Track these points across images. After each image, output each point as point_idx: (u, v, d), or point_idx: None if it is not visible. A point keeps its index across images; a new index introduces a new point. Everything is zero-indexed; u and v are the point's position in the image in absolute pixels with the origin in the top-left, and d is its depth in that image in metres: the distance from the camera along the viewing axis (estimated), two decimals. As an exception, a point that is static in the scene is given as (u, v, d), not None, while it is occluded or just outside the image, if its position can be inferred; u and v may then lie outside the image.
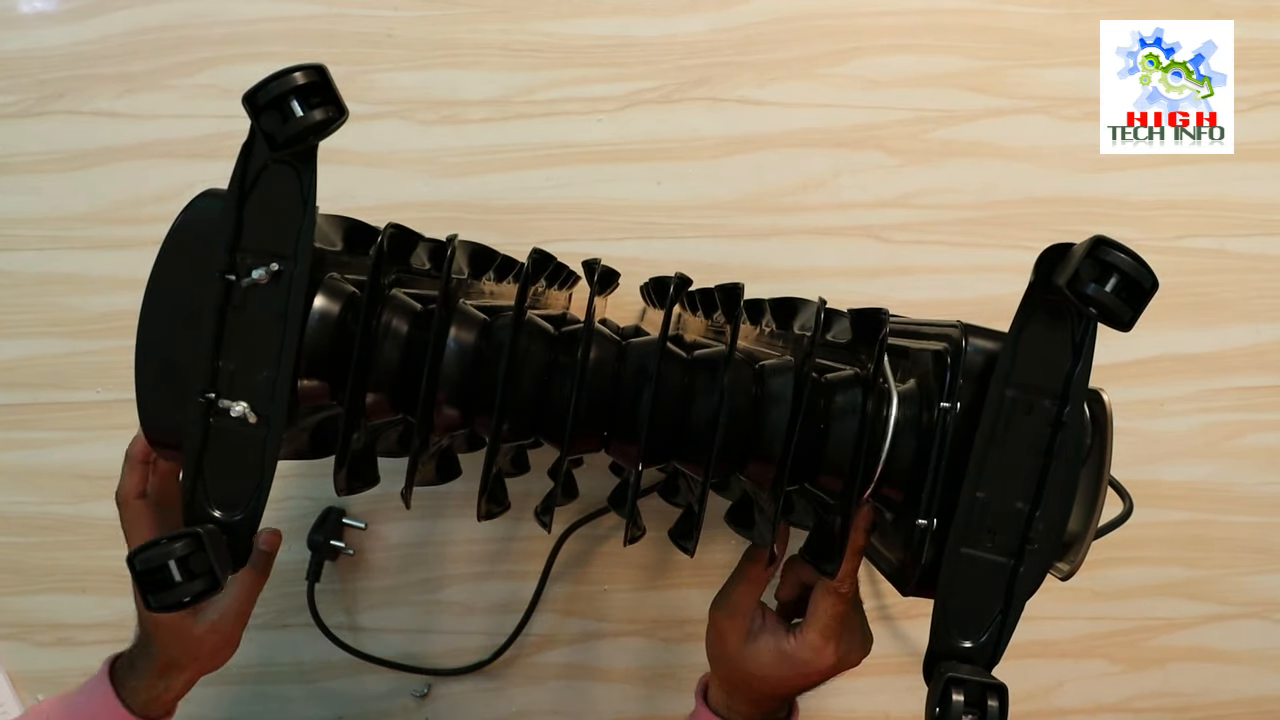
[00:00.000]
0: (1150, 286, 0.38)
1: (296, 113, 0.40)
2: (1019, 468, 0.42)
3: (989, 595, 0.42)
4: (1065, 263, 0.39)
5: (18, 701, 0.71)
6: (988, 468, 0.42)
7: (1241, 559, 0.73)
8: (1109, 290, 0.38)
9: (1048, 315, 0.41)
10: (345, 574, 0.71)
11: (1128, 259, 0.38)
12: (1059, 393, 0.41)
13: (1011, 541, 0.42)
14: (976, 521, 0.42)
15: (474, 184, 0.71)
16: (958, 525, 0.42)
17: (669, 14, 0.71)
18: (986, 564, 0.42)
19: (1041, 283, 0.40)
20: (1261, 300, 0.72)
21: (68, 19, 0.70)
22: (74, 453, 0.71)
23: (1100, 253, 0.38)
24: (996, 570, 0.42)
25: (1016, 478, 0.42)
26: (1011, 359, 0.41)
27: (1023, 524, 0.42)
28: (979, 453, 0.42)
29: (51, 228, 0.70)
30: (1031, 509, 0.41)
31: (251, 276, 0.42)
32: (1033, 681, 0.73)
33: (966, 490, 0.42)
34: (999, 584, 0.42)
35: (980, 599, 0.42)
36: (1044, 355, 0.42)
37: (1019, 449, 0.42)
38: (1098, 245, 0.38)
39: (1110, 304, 0.38)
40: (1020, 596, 0.42)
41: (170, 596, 0.41)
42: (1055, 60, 0.71)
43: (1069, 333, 0.41)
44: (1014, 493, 0.42)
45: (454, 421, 0.47)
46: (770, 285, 0.68)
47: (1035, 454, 0.41)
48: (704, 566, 0.71)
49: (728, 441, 0.47)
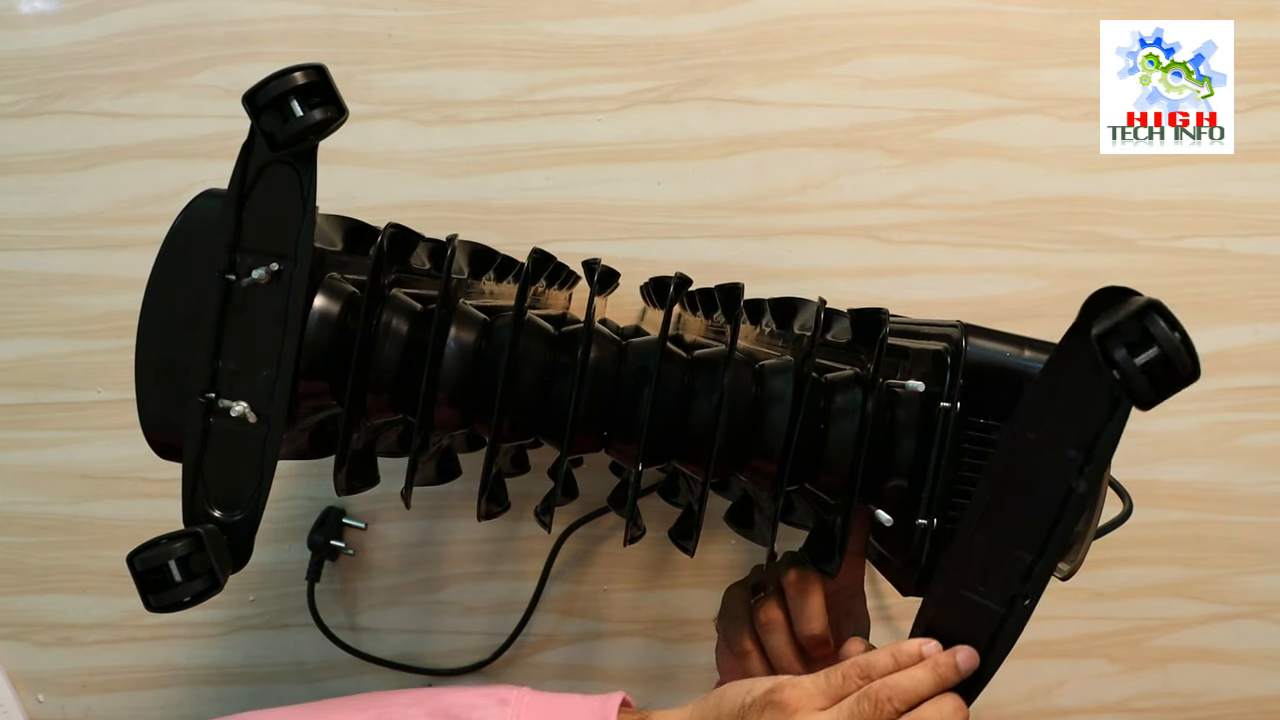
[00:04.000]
0: (1187, 375, 0.35)
1: (296, 113, 0.40)
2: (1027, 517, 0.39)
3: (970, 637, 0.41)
4: (1109, 314, 0.36)
5: (18, 702, 0.71)
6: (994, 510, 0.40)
7: (1241, 559, 0.73)
8: (1139, 362, 0.35)
9: (1089, 361, 0.37)
10: (345, 574, 0.71)
11: (1172, 336, 0.35)
12: (1086, 445, 0.38)
13: (1005, 591, 0.40)
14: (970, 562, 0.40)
15: (474, 184, 0.71)
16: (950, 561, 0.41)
17: (669, 14, 0.71)
18: (974, 606, 0.41)
19: (1082, 326, 0.37)
20: (1261, 300, 0.72)
21: (68, 19, 0.70)
22: (74, 453, 0.71)
23: (1147, 319, 0.35)
24: (983, 615, 0.40)
25: (1022, 527, 0.39)
26: (1042, 401, 0.39)
27: (1020, 575, 0.39)
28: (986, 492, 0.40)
29: (52, 228, 0.70)
30: (1033, 561, 0.39)
31: (251, 276, 0.42)
32: (1033, 681, 0.73)
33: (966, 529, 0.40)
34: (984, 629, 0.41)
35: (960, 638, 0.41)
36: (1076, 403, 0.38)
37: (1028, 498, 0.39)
38: (1148, 310, 0.35)
39: (1133, 377, 0.35)
40: (1003, 645, 0.40)
41: (170, 596, 0.41)
42: (1055, 60, 0.71)
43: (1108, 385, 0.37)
44: (1017, 541, 0.39)
45: (454, 421, 0.47)
46: (770, 285, 0.68)
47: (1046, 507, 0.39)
48: (704, 566, 0.71)
49: (728, 441, 0.47)
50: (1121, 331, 0.35)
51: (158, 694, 0.71)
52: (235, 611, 0.71)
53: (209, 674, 0.71)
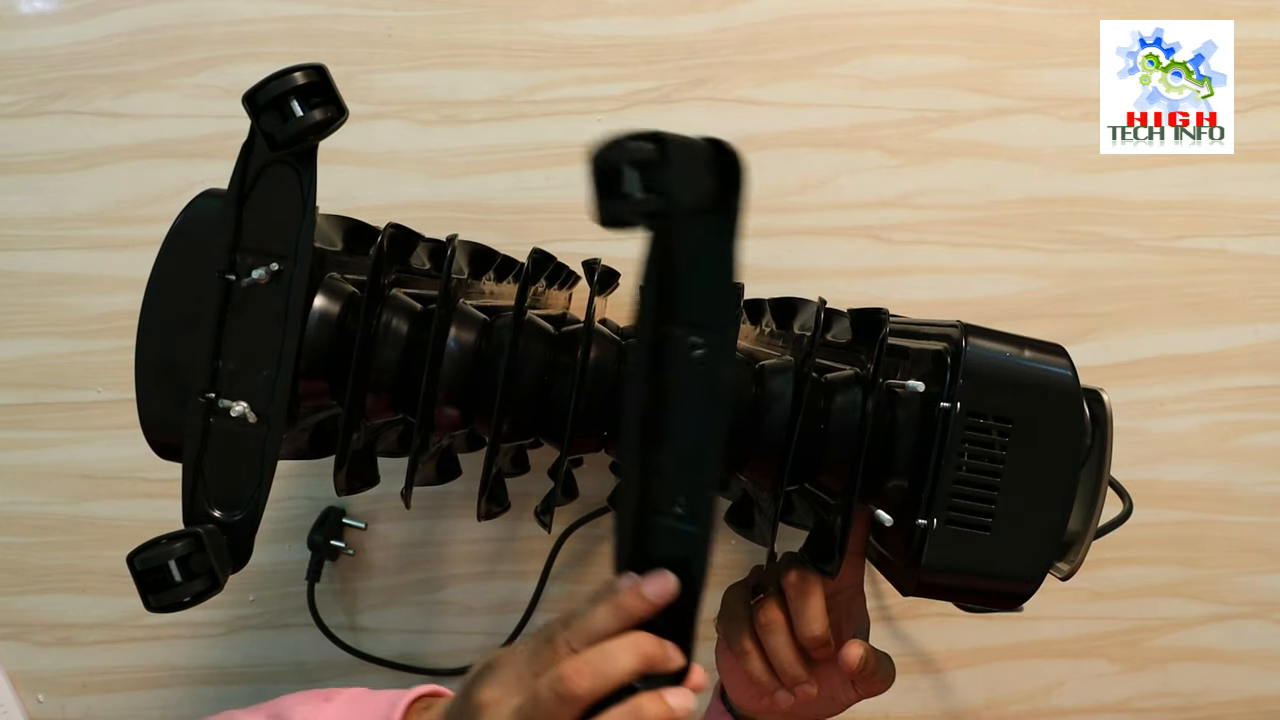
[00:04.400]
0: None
1: (296, 113, 0.40)
2: (692, 418, 0.38)
3: (669, 563, 0.39)
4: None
5: (18, 702, 0.71)
6: (653, 424, 0.38)
7: (1241, 559, 0.73)
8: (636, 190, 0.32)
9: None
10: (345, 574, 0.71)
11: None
12: (684, 318, 0.37)
13: (692, 504, 0.38)
14: (650, 484, 0.39)
15: (474, 184, 0.71)
16: (628, 488, 0.39)
17: (669, 14, 0.71)
18: (667, 530, 0.39)
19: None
20: (1261, 300, 0.72)
21: (68, 19, 0.70)
22: (74, 453, 0.71)
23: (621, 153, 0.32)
24: (675, 538, 0.39)
25: (692, 430, 0.38)
26: (656, 292, 0.37)
27: (704, 485, 0.38)
28: (638, 408, 0.38)
29: (52, 228, 0.70)
30: (698, 460, 0.38)
31: (251, 276, 0.42)
32: (1033, 681, 0.73)
33: (632, 451, 0.39)
34: (680, 552, 0.39)
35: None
36: (693, 281, 0.37)
37: (675, 398, 0.38)
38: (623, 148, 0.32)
39: (644, 205, 0.32)
40: (699, 565, 0.39)
41: (170, 596, 0.41)
42: (1055, 60, 0.71)
43: (711, 249, 0.36)
44: (691, 449, 0.38)
45: (454, 421, 0.47)
46: (770, 285, 0.68)
47: (691, 396, 0.37)
48: (704, 566, 0.71)
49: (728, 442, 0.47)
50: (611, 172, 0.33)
51: (158, 694, 0.71)
52: (235, 611, 0.71)
53: (209, 674, 0.71)
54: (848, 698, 0.51)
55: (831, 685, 0.50)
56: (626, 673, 0.38)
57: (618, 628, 0.39)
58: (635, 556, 0.40)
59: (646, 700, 0.37)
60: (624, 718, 0.37)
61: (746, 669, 0.50)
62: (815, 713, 0.52)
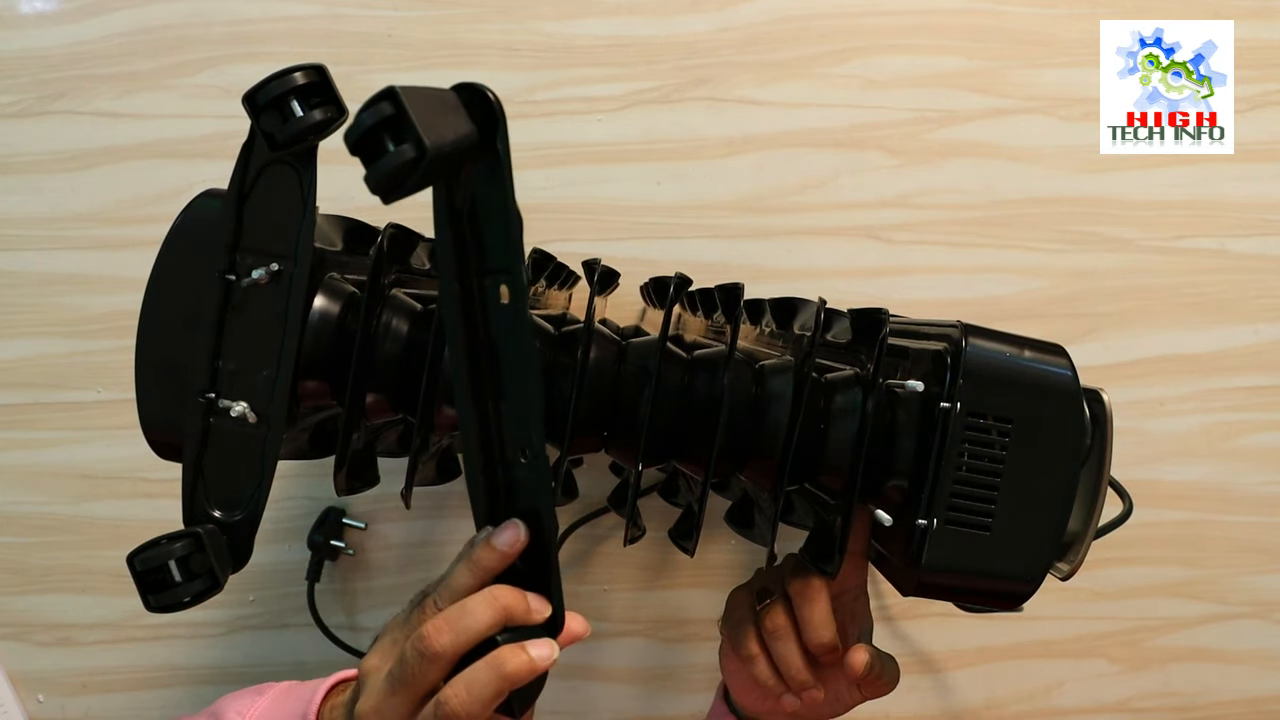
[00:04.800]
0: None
1: (296, 113, 0.40)
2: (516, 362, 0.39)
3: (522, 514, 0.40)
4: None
5: (17, 702, 0.71)
6: (478, 375, 0.39)
7: (1241, 559, 0.73)
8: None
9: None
10: (345, 574, 0.71)
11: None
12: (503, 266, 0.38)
13: (533, 449, 0.39)
14: (499, 436, 0.39)
15: (474, 184, 0.71)
16: (472, 443, 0.40)
17: (669, 14, 0.71)
18: (516, 481, 0.40)
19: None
20: (1261, 300, 0.72)
21: (68, 19, 0.70)
22: (74, 453, 0.71)
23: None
24: (524, 486, 0.40)
25: (518, 375, 0.39)
26: (451, 243, 0.38)
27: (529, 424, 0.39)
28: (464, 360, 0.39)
29: (52, 228, 0.70)
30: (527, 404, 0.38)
31: (251, 276, 0.42)
32: (1033, 681, 0.73)
33: (468, 405, 0.39)
34: (529, 500, 0.40)
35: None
36: (481, 227, 0.38)
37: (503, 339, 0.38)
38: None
39: (400, 158, 0.32)
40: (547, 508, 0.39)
41: (170, 596, 0.41)
42: (1055, 60, 0.71)
43: (488, 193, 0.37)
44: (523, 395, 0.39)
45: (454, 421, 0.47)
46: (770, 285, 0.68)
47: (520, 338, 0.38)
48: (704, 566, 0.71)
49: (728, 441, 0.47)
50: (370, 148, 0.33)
51: (158, 694, 0.71)
52: (235, 611, 0.71)
53: (209, 674, 0.71)
54: (852, 699, 0.51)
55: (837, 687, 0.50)
56: (485, 626, 0.38)
57: (477, 584, 0.39)
58: (491, 511, 0.41)
59: (506, 652, 0.38)
60: (484, 669, 0.37)
61: (753, 673, 0.50)
62: (820, 714, 0.52)
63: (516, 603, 0.39)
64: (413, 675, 0.37)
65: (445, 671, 0.38)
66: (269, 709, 0.47)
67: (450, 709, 0.37)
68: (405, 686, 0.38)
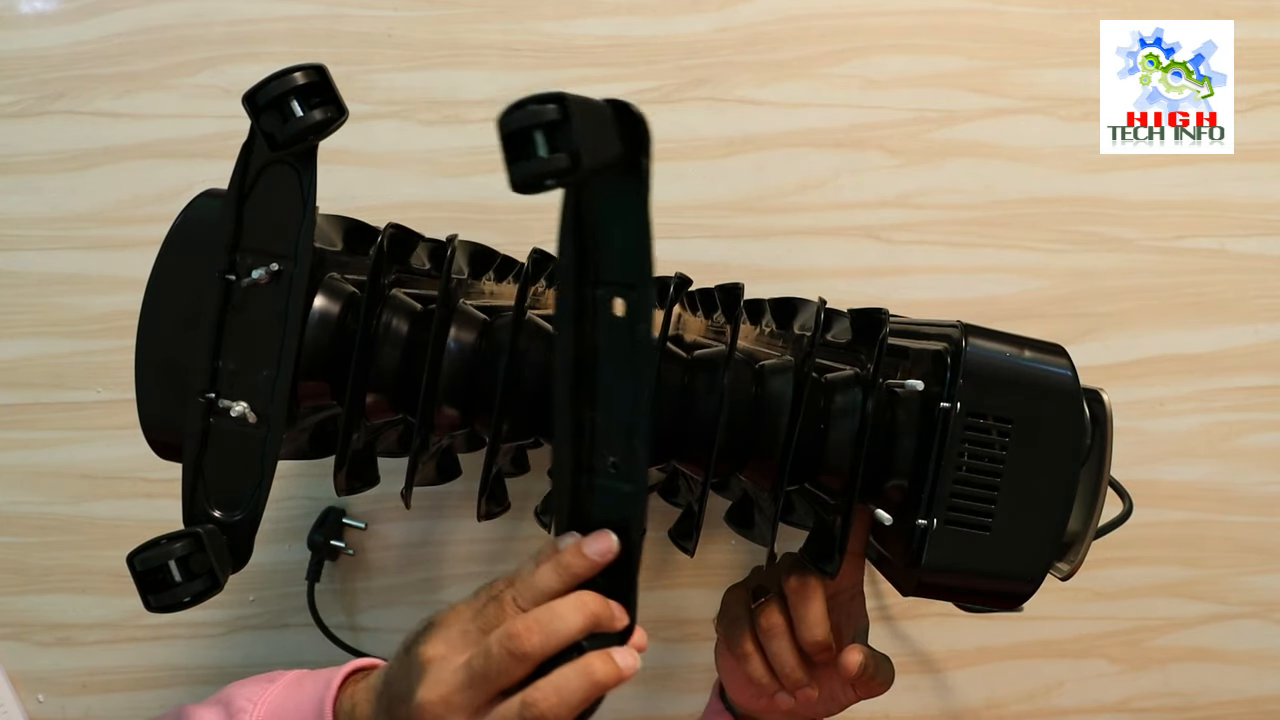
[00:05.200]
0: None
1: (296, 113, 0.40)
2: (619, 377, 0.39)
3: (610, 523, 0.40)
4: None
5: (18, 702, 0.71)
6: (584, 383, 0.39)
7: (1241, 559, 0.73)
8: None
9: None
10: (345, 574, 0.71)
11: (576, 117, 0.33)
12: (625, 280, 0.37)
13: (627, 464, 0.39)
14: (589, 445, 0.39)
15: (474, 184, 0.71)
16: (564, 448, 0.40)
17: (669, 14, 0.71)
18: (606, 491, 0.40)
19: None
20: (1261, 300, 0.72)
21: (68, 19, 0.70)
22: (74, 453, 0.71)
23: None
24: (615, 498, 0.40)
25: (620, 388, 0.39)
26: (574, 253, 0.38)
27: (627, 443, 0.39)
28: (569, 366, 0.39)
29: (52, 228, 0.70)
30: (630, 424, 0.38)
31: (251, 276, 0.42)
32: (1033, 681, 0.73)
33: (565, 411, 0.39)
34: (620, 512, 0.40)
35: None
36: (608, 241, 0.38)
37: (604, 358, 0.38)
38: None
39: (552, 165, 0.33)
40: (638, 523, 0.39)
41: (170, 597, 0.41)
42: (1055, 60, 0.71)
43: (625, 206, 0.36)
44: (622, 408, 0.39)
45: (454, 421, 0.47)
46: (770, 285, 0.68)
47: (620, 359, 0.38)
48: (704, 566, 0.71)
49: (728, 441, 0.47)
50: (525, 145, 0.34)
51: (158, 694, 0.71)
52: (235, 611, 0.71)
53: (209, 674, 0.71)
54: (847, 698, 0.51)
55: (831, 686, 0.51)
56: (575, 631, 0.38)
57: (562, 587, 0.40)
58: (575, 517, 0.41)
59: (596, 660, 0.38)
60: (575, 676, 0.37)
61: (747, 671, 0.50)
62: (815, 713, 0.52)
63: (603, 611, 0.40)
64: (497, 672, 0.37)
65: (528, 671, 0.38)
66: (281, 696, 0.47)
67: (539, 711, 0.37)
68: (486, 681, 0.38)
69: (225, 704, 0.47)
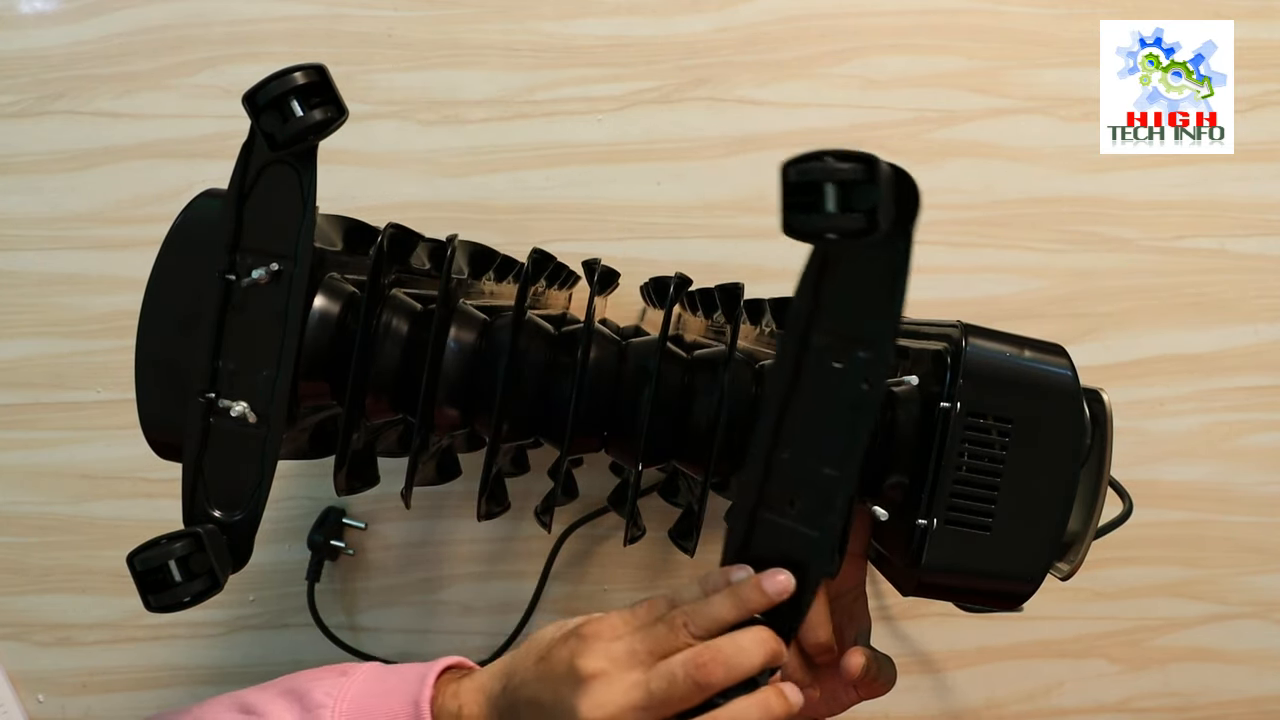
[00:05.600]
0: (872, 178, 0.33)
1: (296, 113, 0.40)
2: (825, 430, 0.38)
3: (785, 561, 0.40)
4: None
5: (18, 702, 0.71)
6: (790, 424, 0.39)
7: (1241, 559, 0.73)
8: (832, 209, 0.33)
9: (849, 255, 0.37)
10: (345, 574, 0.71)
11: (841, 166, 0.33)
12: (866, 339, 0.38)
13: (814, 511, 0.39)
14: (777, 482, 0.39)
15: (474, 184, 0.71)
16: (750, 481, 0.40)
17: (669, 14, 0.71)
18: (785, 530, 0.40)
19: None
20: (1261, 300, 0.72)
21: (68, 19, 0.70)
22: (74, 453, 0.71)
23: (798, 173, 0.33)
24: (795, 538, 0.40)
25: (821, 440, 0.39)
26: (813, 301, 0.38)
27: (827, 494, 0.39)
28: (776, 405, 0.39)
29: (52, 228, 0.71)
30: (838, 478, 0.38)
31: (251, 276, 0.42)
32: (1033, 681, 0.73)
33: (761, 447, 0.40)
34: (797, 553, 0.40)
35: (773, 564, 0.40)
36: (855, 297, 0.38)
37: (821, 408, 0.38)
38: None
39: (843, 223, 0.34)
40: (817, 571, 0.39)
41: (170, 596, 0.41)
42: (1055, 60, 0.71)
43: (882, 269, 0.37)
44: (818, 456, 0.39)
45: (454, 421, 0.47)
46: (770, 285, 0.68)
47: (841, 414, 0.38)
48: (704, 566, 0.71)
49: (728, 441, 0.47)
50: (804, 190, 0.34)
51: (158, 694, 0.71)
52: (235, 611, 0.71)
53: (209, 674, 0.71)
54: (849, 699, 0.51)
55: (833, 687, 0.50)
56: (756, 667, 0.39)
57: (735, 619, 0.40)
58: (745, 550, 0.41)
59: (773, 695, 0.39)
60: (755, 710, 0.38)
61: None
62: (816, 713, 0.52)
63: (780, 650, 0.40)
64: (678, 698, 0.38)
65: (703, 700, 0.38)
66: (362, 691, 0.45)
67: None
68: (663, 706, 0.38)
69: (299, 697, 0.46)
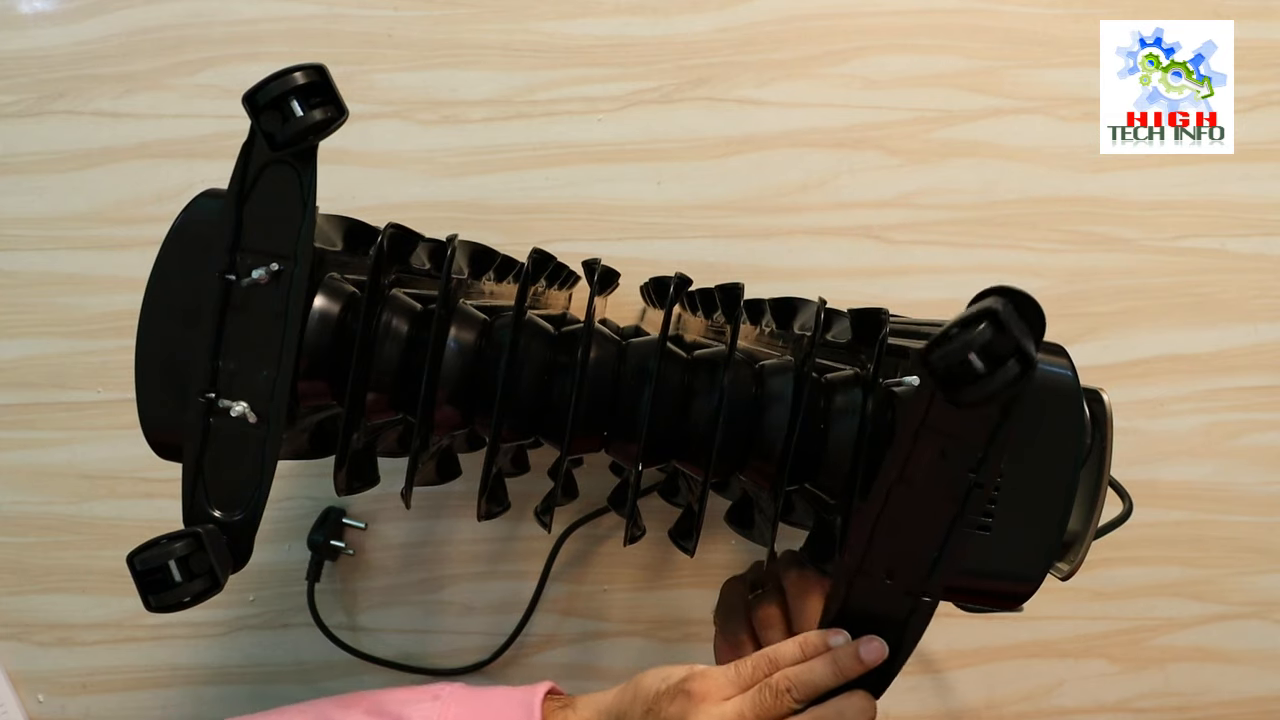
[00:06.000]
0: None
1: (296, 113, 0.40)
2: (931, 511, 0.40)
3: (879, 629, 0.42)
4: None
5: (18, 702, 0.71)
6: (899, 501, 0.41)
7: (1241, 559, 0.73)
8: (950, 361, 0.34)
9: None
10: (345, 574, 0.71)
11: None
12: (980, 444, 0.39)
13: (911, 584, 0.41)
14: (878, 552, 0.41)
15: (473, 184, 0.71)
16: (855, 550, 0.42)
17: (669, 14, 0.71)
18: (883, 597, 0.42)
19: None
20: (1261, 300, 0.72)
21: (68, 19, 0.70)
22: (75, 453, 0.71)
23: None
24: (891, 607, 0.42)
25: (926, 520, 0.41)
26: (929, 400, 0.39)
27: (925, 570, 0.41)
28: (889, 483, 0.41)
29: (52, 228, 0.71)
30: (936, 557, 0.41)
31: (251, 276, 0.42)
32: (1033, 681, 0.73)
33: (868, 517, 0.41)
34: (892, 621, 0.42)
35: (869, 630, 0.42)
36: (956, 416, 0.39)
37: (931, 490, 0.40)
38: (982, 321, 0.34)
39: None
40: (910, 639, 0.42)
41: (170, 596, 0.41)
42: (1055, 60, 0.71)
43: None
44: (921, 535, 0.41)
45: (454, 421, 0.47)
46: (770, 285, 0.68)
47: (947, 501, 0.40)
48: (704, 566, 0.71)
49: (728, 441, 0.47)
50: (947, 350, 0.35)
51: (158, 694, 0.71)
52: (235, 611, 0.71)
53: (209, 674, 0.71)
54: None
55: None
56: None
57: (834, 684, 0.42)
58: (843, 610, 0.43)
59: None
60: None
61: None
62: None
63: (874, 716, 0.42)
64: None
65: None
66: (463, 715, 0.47)
67: None
68: None
69: (382, 714, 0.48)
